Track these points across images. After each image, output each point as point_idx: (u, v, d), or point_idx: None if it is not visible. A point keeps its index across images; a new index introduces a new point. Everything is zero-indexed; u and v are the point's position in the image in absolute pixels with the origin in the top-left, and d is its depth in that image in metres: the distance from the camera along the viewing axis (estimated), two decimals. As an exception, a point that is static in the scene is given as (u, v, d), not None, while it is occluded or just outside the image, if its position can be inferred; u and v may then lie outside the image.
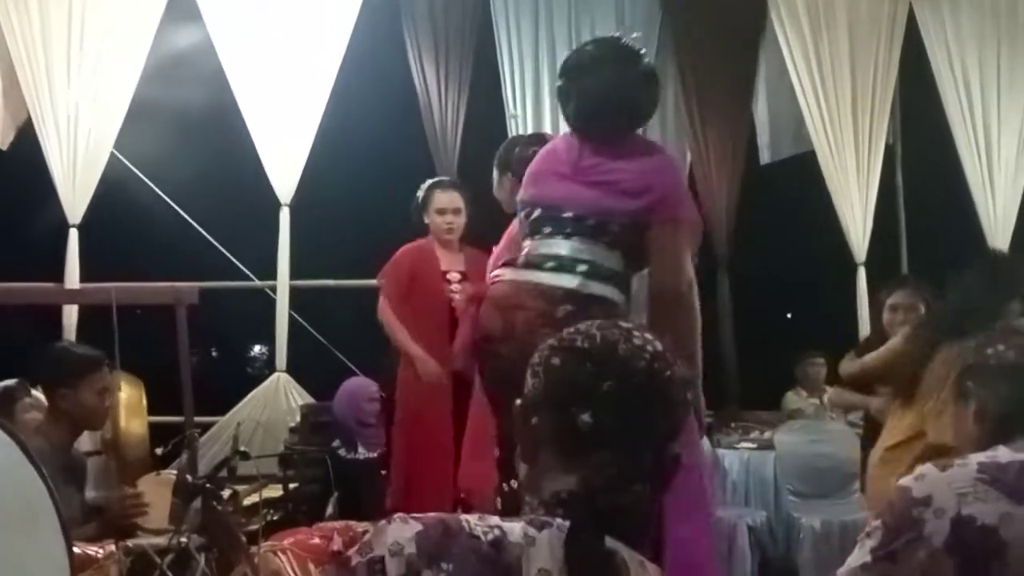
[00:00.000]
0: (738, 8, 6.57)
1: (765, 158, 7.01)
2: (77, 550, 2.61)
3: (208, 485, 2.99)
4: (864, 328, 5.89)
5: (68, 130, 5.94)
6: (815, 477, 5.37)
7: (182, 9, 6.10)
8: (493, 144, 4.00)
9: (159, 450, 3.78)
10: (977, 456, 1.80)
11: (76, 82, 5.96)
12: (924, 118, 6.43)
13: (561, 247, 3.06)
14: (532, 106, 6.35)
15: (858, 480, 4.70)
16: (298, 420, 5.43)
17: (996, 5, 6.17)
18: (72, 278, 5.98)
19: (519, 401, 1.43)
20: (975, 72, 5.96)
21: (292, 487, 4.70)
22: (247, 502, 3.88)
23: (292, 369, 6.12)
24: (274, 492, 4.53)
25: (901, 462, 3.25)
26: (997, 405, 1.88)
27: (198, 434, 5.02)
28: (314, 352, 6.64)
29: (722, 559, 4.71)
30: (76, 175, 5.96)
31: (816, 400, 6.27)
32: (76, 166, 5.96)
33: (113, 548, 2.89)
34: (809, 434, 5.55)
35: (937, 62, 5.99)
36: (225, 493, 3.12)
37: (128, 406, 3.82)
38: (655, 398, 1.36)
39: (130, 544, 2.93)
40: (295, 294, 6.24)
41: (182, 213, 6.56)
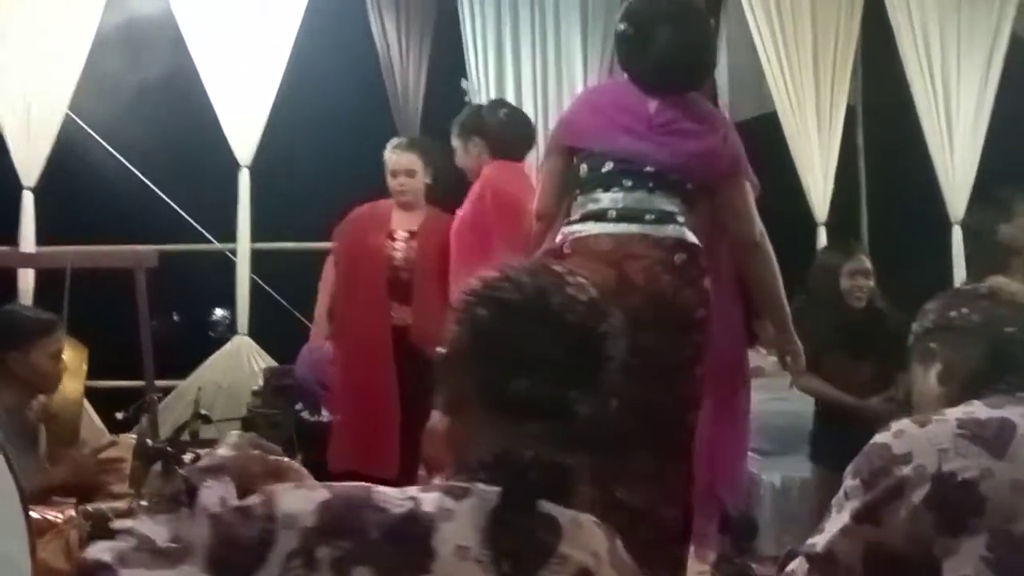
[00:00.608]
0: (700, -33, 6.53)
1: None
2: (35, 515, 2.59)
3: (169, 449, 2.99)
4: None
5: (20, 92, 5.80)
6: (775, 434, 5.43)
7: (136, -32, 5.98)
8: (456, 105, 3.97)
9: (119, 414, 3.76)
10: (954, 411, 1.81)
11: (27, 44, 5.82)
12: (886, 79, 6.45)
13: (653, 201, 3.05)
14: (495, 65, 6.28)
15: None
16: (260, 383, 5.39)
17: (956, -35, 6.17)
18: (28, 241, 5.87)
19: (441, 350, 1.32)
20: (935, 31, 5.96)
21: (255, 450, 4.68)
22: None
23: (254, 332, 6.06)
24: (237, 455, 4.50)
25: None
26: (965, 364, 1.90)
27: (159, 398, 4.99)
28: (276, 315, 6.59)
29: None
30: (30, 138, 5.83)
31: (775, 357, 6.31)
32: (30, 129, 5.82)
33: (72, 513, 2.88)
34: (768, 392, 5.60)
35: (897, 20, 5.99)
36: (187, 457, 3.10)
37: (68, 371, 3.76)
38: (591, 356, 1.26)
39: (90, 508, 2.92)
40: (256, 257, 6.17)
41: (140, 175, 6.47)
